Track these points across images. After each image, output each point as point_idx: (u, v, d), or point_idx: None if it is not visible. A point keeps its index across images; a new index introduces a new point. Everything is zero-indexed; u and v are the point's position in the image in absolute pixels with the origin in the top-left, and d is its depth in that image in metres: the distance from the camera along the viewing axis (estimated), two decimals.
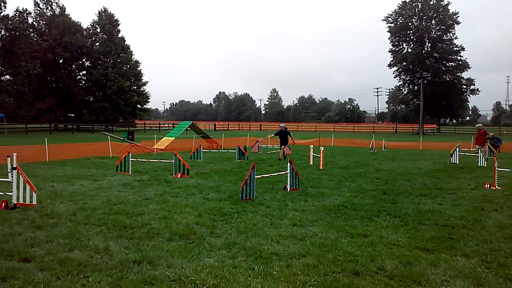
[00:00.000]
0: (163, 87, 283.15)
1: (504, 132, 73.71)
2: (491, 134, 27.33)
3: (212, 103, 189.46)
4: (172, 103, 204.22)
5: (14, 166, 8.53)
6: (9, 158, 8.55)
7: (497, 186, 11.68)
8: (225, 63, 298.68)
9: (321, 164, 16.52)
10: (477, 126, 21.15)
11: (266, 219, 7.81)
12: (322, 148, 17.33)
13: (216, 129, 76.12)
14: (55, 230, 6.78)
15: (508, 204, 9.45)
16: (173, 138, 27.38)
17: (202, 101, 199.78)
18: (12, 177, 8.55)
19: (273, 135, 22.11)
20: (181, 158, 13.79)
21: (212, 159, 19.92)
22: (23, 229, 6.85)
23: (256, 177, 10.25)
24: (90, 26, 68.94)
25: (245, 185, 9.64)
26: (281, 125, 22.37)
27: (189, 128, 30.30)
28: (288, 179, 10.99)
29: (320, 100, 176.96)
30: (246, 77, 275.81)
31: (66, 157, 19.79)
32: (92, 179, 12.72)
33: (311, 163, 17.88)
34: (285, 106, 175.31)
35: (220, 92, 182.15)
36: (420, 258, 5.60)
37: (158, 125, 73.74)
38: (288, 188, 10.93)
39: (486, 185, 11.85)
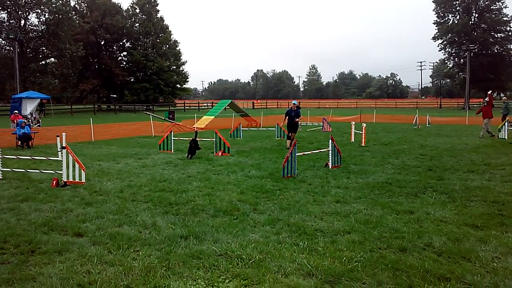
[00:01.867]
0: (201, 66, 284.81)
1: None
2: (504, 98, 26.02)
3: (250, 81, 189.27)
4: (211, 82, 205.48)
5: (64, 145, 8.87)
6: (58, 138, 8.87)
7: None
8: (263, 41, 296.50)
9: (363, 141, 16.26)
10: (486, 99, 20.09)
11: (308, 196, 7.81)
12: (364, 124, 17.04)
13: (255, 107, 76.20)
14: (104, 207, 7.04)
15: None
16: (213, 117, 27.62)
17: (240, 80, 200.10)
18: (62, 156, 8.91)
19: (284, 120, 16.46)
20: (221, 136, 13.92)
21: (252, 137, 20.01)
22: (74, 205, 7.16)
23: (297, 154, 10.22)
24: (129, 7, 69.94)
25: (286, 162, 9.64)
26: (293, 101, 17.20)
27: (228, 107, 30.48)
28: (330, 156, 10.90)
29: (361, 75, 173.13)
30: (284, 54, 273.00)
31: (110, 137, 20.41)
32: (136, 157, 13.07)
33: (353, 140, 17.65)
34: (324, 83, 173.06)
35: (258, 70, 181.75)
36: (469, 235, 5.46)
37: (197, 104, 74.55)
38: (330, 165, 10.85)
39: None
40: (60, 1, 52.80)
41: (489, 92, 23.15)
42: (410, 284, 4.07)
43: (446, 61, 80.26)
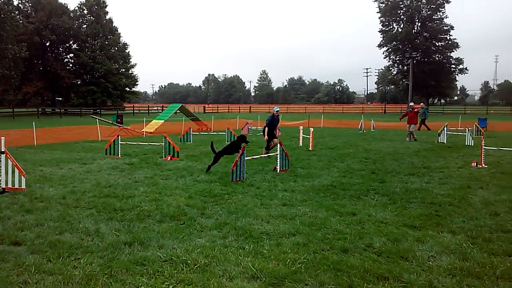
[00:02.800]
0: (152, 69, 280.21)
1: (492, 112, 74.57)
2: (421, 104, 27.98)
3: (202, 85, 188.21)
4: (161, 85, 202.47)
5: (2, 150, 8.46)
6: None
7: (483, 165, 11.85)
8: (214, 45, 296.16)
9: (310, 145, 16.61)
10: (411, 105, 21.44)
11: (256, 199, 7.88)
12: (312, 129, 17.40)
13: (206, 111, 75.84)
14: (45, 214, 6.78)
15: (494, 181, 9.61)
16: (163, 121, 27.27)
17: (191, 84, 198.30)
18: (0, 161, 8.49)
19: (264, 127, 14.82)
20: (170, 140, 13.77)
21: (202, 141, 19.91)
22: (12, 213, 6.84)
23: (246, 158, 10.29)
24: (77, 8, 67.81)
25: (235, 166, 9.68)
26: (275, 108, 15.38)
27: (178, 111, 30.17)
28: (278, 160, 11.05)
29: (310, 81, 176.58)
30: (236, 59, 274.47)
31: (54, 141, 19.66)
32: (81, 162, 12.67)
33: (301, 144, 17.97)
34: (275, 88, 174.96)
35: (209, 74, 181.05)
36: (407, 235, 5.70)
37: (147, 108, 73.18)
38: (278, 169, 11.00)
39: (473, 164, 12.02)
40: (2, 0, 50.28)
41: (421, 104, 24.55)
42: (350, 284, 4.21)
43: (390, 68, 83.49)
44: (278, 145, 11.05)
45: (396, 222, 6.38)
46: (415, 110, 21.50)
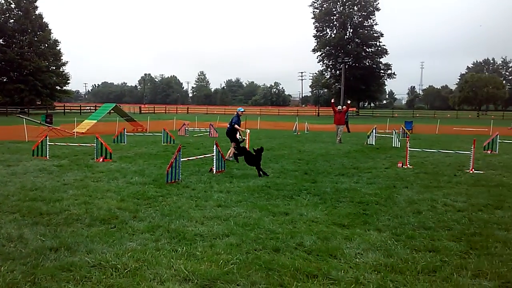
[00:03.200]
0: (85, 68, 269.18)
1: (417, 115, 79.07)
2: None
3: (138, 85, 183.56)
4: (95, 84, 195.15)
5: None
6: None
7: (408, 165, 12.54)
8: (151, 44, 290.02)
9: (247, 146, 16.72)
10: (339, 108, 22.40)
11: (191, 201, 7.83)
12: (248, 131, 17.53)
13: (142, 112, 74.11)
14: None
15: (417, 181, 10.20)
16: (95, 121, 26.33)
17: (126, 83, 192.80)
18: None
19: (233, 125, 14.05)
20: (103, 141, 13.32)
21: (137, 142, 19.45)
22: None
23: (182, 160, 10.20)
24: (3, 2, 63.61)
25: (171, 168, 9.56)
26: (240, 109, 14.96)
27: (112, 111, 29.27)
28: (214, 161, 11.05)
29: (247, 83, 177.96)
30: (173, 59, 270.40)
31: None
32: (5, 164, 11.93)
33: None
34: (212, 89, 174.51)
35: (145, 74, 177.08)
36: (336, 234, 5.92)
37: (79, 108, 70.19)
38: (214, 171, 10.99)
39: (398, 164, 12.69)
40: None
41: (348, 102, 25.53)
42: (281, 283, 4.31)
43: (324, 72, 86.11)
44: (215, 146, 11.04)
45: (326, 221, 6.60)
46: (344, 111, 22.26)
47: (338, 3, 76.19)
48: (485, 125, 38.63)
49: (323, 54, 78.35)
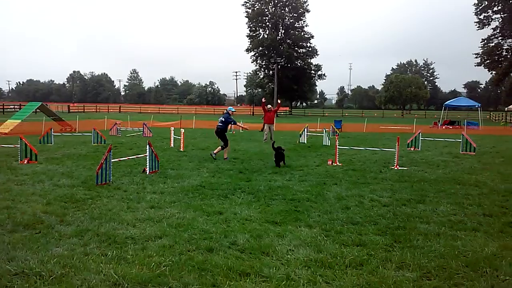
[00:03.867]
0: (7, 64, 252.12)
1: (346, 114, 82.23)
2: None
3: (66, 83, 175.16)
4: (19, 82, 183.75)
5: None
6: None
7: (338, 163, 13.01)
8: (80, 40, 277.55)
9: (181, 146, 16.57)
10: (269, 107, 22.95)
11: (122, 203, 7.62)
12: (183, 130, 17.36)
13: (71, 111, 70.85)
14: None
15: (346, 178, 10.60)
16: (19, 121, 24.85)
17: (54, 81, 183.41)
18: None
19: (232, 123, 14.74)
20: (27, 142, 12.59)
21: (65, 143, 18.56)
22: None
23: (113, 160, 9.90)
24: None
25: (101, 169, 9.24)
26: (231, 108, 15.30)
27: (38, 110, 27.74)
28: (148, 161, 10.82)
29: (182, 82, 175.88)
30: (103, 56, 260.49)
31: None
32: None
33: (172, 145, 17.80)
34: (146, 88, 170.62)
35: (74, 72, 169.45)
36: (269, 231, 6.03)
37: (1, 107, 65.75)
38: (147, 171, 10.77)
39: (328, 162, 13.13)
40: None
41: (278, 101, 26.05)
42: (214, 283, 4.31)
43: (258, 72, 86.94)
44: (148, 146, 10.82)
45: (259, 218, 6.70)
46: (274, 111, 22.64)
47: (270, 4, 77.23)
48: (409, 123, 40.96)
49: (257, 54, 79.07)
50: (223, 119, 14.54)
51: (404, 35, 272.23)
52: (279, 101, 26.76)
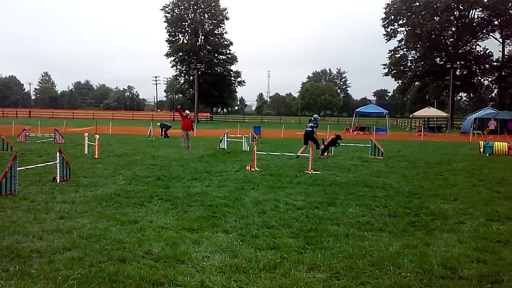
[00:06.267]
0: None
1: (265, 120, 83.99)
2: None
3: None
4: None
5: None
6: None
7: (256, 168, 13.24)
8: None
9: (96, 152, 15.91)
10: (187, 112, 23.12)
11: (29, 214, 7.15)
12: (97, 136, 16.70)
13: None
14: None
15: (263, 183, 10.82)
16: None
17: None
18: None
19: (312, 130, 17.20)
20: None
21: None
22: None
23: (19, 168, 9.28)
24: None
25: (4, 178, 8.60)
26: (316, 116, 18.67)
27: None
28: (58, 169, 10.26)
29: (98, 86, 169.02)
30: (11, 59, 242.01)
31: None
32: None
33: (86, 152, 17.03)
34: (59, 92, 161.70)
35: None
36: (185, 238, 5.98)
37: None
38: (58, 179, 10.21)
39: (247, 167, 13.31)
40: None
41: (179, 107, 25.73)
42: None
43: (178, 78, 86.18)
44: (58, 153, 10.26)
45: (176, 226, 6.62)
46: (190, 116, 22.64)
47: (189, 10, 76.98)
48: (323, 129, 42.61)
49: (177, 60, 78.38)
50: (312, 125, 17.30)
51: (319, 45, 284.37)
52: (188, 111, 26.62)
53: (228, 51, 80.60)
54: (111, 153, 17.52)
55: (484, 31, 68.31)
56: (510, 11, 62.74)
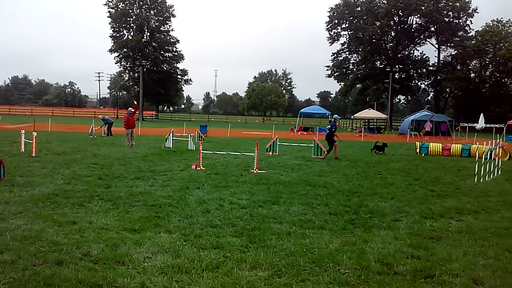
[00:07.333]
0: None
1: (212, 120, 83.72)
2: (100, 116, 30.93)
3: None
4: None
5: None
6: None
7: (201, 167, 13.18)
8: None
9: (34, 150, 15.19)
10: (130, 109, 22.75)
11: None
12: (35, 133, 15.95)
13: None
14: None
15: (209, 182, 10.79)
16: None
17: None
18: None
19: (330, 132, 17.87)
20: None
21: None
22: None
23: None
24: None
25: None
26: (335, 116, 20.25)
27: None
28: None
29: (37, 81, 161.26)
30: None
31: None
32: None
33: (23, 150, 16.22)
34: None
35: None
36: (126, 239, 5.85)
37: None
38: None
39: (192, 166, 13.22)
40: None
41: (135, 103, 25.27)
42: None
43: (122, 74, 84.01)
44: None
45: (117, 227, 6.47)
46: (133, 113, 22.17)
47: (135, 5, 75.24)
48: (268, 129, 43.12)
49: (121, 56, 76.33)
50: (329, 126, 18.17)
51: (265, 46, 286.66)
52: (135, 102, 26.03)
53: (174, 49, 79.56)
54: (50, 151, 16.80)
55: (422, 36, 71.95)
56: (445, 19, 66.45)
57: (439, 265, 5.28)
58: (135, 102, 26.16)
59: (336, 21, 71.74)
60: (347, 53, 74.69)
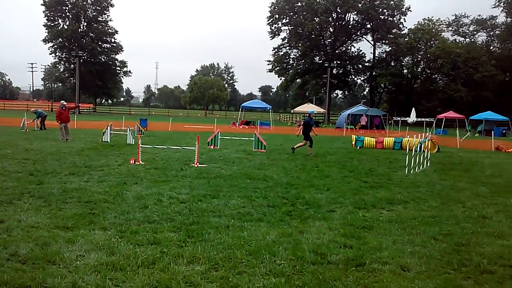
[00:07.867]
0: None
1: (153, 113, 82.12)
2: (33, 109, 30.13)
3: None
4: None
5: None
6: None
7: (140, 162, 12.91)
8: None
9: None
10: (62, 102, 22.29)
11: None
12: None
13: None
14: None
15: (147, 177, 10.59)
16: None
17: None
18: None
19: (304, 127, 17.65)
20: None
21: None
22: None
23: None
24: None
25: None
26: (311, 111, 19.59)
27: None
28: None
29: None
30: None
31: None
32: None
33: None
34: None
35: None
36: (58, 237, 5.64)
37: None
38: None
39: (131, 161, 12.92)
40: None
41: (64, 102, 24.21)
42: None
43: (57, 65, 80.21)
44: None
45: (48, 225, 6.21)
46: (68, 108, 21.43)
47: None
48: (210, 123, 42.95)
49: (56, 46, 72.75)
50: (306, 121, 18.10)
51: (207, 39, 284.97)
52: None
53: (113, 40, 76.94)
54: None
55: (358, 33, 74.32)
56: (381, 16, 69.05)
57: (369, 254, 5.54)
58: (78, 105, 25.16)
59: (276, 16, 72.40)
60: (287, 48, 75.65)
